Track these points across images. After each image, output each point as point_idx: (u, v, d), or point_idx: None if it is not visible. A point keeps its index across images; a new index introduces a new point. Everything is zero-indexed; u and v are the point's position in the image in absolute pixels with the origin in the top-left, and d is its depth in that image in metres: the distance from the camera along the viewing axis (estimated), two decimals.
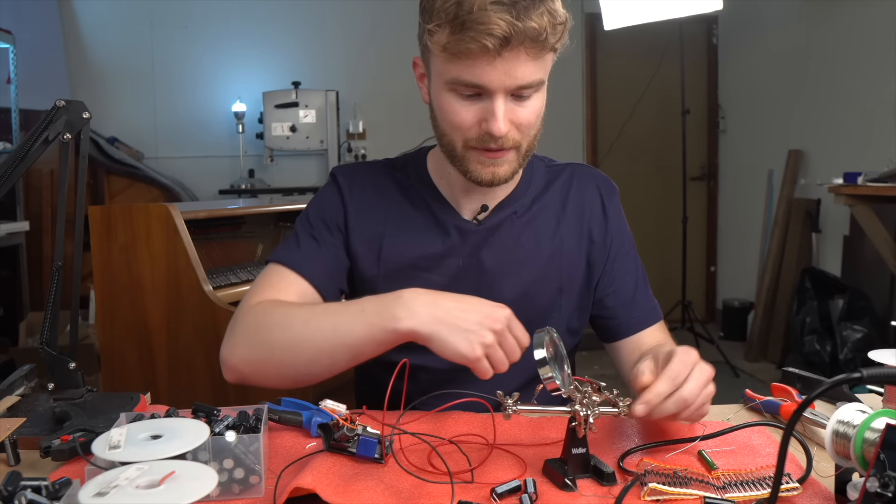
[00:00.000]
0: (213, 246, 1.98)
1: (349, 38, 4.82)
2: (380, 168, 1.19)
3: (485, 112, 0.97)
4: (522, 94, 0.97)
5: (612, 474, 0.76)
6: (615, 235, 1.18)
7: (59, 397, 0.99)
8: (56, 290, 0.98)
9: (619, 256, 1.18)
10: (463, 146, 1.02)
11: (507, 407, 0.79)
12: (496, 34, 0.90)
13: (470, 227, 1.12)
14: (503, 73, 0.94)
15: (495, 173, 1.02)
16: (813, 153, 4.21)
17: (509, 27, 0.90)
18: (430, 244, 1.12)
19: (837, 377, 0.61)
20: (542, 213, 1.15)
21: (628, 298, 1.16)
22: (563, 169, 1.21)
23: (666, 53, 4.80)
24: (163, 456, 0.66)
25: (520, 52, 0.93)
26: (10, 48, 3.73)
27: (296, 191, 4.53)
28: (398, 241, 1.12)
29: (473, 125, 0.99)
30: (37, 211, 3.74)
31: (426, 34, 0.97)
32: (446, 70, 0.97)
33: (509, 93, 0.96)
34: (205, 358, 1.70)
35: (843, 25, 3.86)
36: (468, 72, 0.94)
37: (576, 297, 1.15)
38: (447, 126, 1.02)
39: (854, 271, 3.75)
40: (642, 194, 4.98)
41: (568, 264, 1.14)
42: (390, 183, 1.16)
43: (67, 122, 0.96)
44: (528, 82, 0.96)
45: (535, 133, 1.04)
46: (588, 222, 1.17)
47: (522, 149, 1.03)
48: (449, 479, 0.75)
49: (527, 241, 1.13)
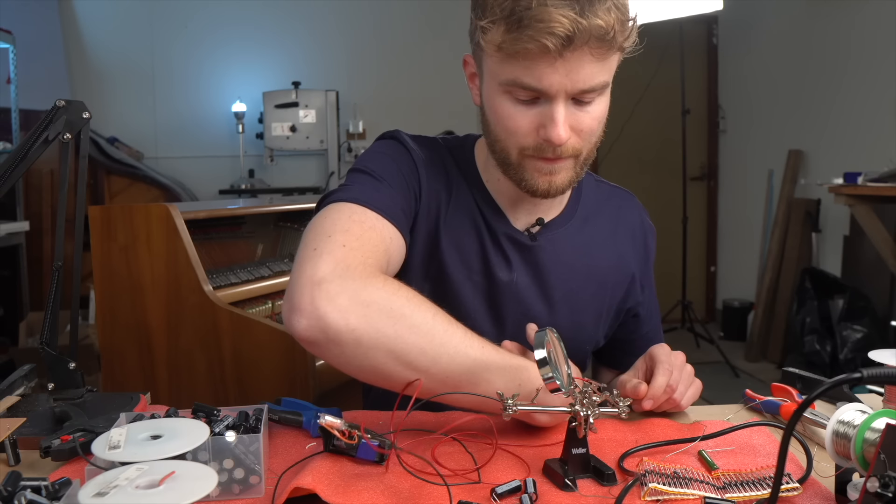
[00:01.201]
0: (213, 246, 1.98)
1: (349, 38, 4.82)
2: (437, 145, 1.07)
3: (543, 117, 0.89)
4: (584, 98, 0.89)
5: (612, 474, 0.76)
6: (647, 276, 1.18)
7: (59, 397, 0.99)
8: (56, 290, 0.98)
9: (649, 297, 1.19)
10: (518, 154, 0.94)
11: (507, 407, 0.79)
12: (558, 33, 0.81)
13: (524, 239, 1.04)
14: (564, 76, 0.85)
15: (552, 182, 0.94)
16: (813, 153, 4.21)
17: (573, 25, 0.81)
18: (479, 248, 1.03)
19: (837, 377, 0.61)
20: (597, 238, 1.10)
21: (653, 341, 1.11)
22: (612, 192, 1.16)
23: (666, 53, 4.80)
24: (163, 456, 0.66)
25: (584, 53, 0.84)
26: (10, 48, 3.73)
27: (296, 191, 4.53)
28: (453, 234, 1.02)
29: (531, 132, 0.91)
30: (37, 211, 3.75)
31: (479, 31, 0.88)
32: (501, 71, 0.89)
33: (570, 97, 0.88)
34: (205, 358, 1.70)
35: (844, 25, 3.86)
36: (526, 74, 0.86)
37: (606, 327, 1.15)
38: (502, 132, 0.93)
39: (854, 271, 3.75)
40: (642, 194, 4.91)
41: (611, 294, 1.12)
42: (448, 164, 1.05)
43: (67, 122, 0.96)
44: (592, 86, 0.88)
45: (597, 140, 0.96)
46: (631, 255, 1.14)
47: (581, 157, 0.95)
48: (452, 480, 0.75)
49: (579, 262, 1.07)
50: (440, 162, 1.05)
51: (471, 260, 1.03)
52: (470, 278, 1.03)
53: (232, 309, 1.68)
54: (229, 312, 1.67)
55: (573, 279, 1.07)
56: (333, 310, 0.78)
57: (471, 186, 1.05)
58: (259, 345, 1.65)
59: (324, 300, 0.78)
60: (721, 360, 4.07)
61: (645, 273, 1.18)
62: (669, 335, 4.41)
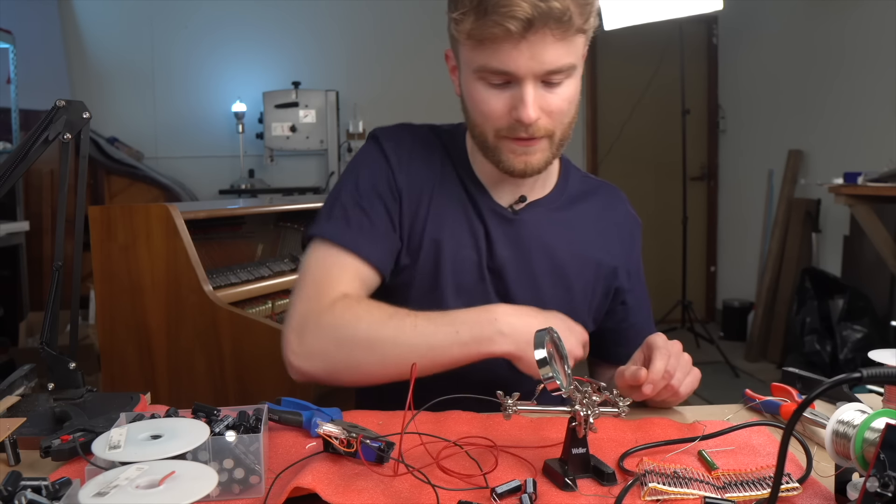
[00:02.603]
0: (213, 246, 1.98)
1: (349, 38, 4.82)
2: (424, 133, 1.15)
3: (514, 99, 0.96)
4: (552, 79, 0.96)
5: (612, 474, 0.76)
6: (634, 268, 1.20)
7: (59, 397, 0.99)
8: (56, 290, 0.98)
9: (636, 289, 1.20)
10: (494, 136, 1.00)
11: (507, 407, 0.79)
12: (518, 16, 0.89)
13: (507, 213, 1.11)
14: (530, 58, 0.92)
15: (528, 162, 1.01)
16: (813, 153, 4.21)
17: (532, 8, 0.89)
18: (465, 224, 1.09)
19: (837, 377, 0.61)
20: (580, 220, 1.15)
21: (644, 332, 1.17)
22: (598, 185, 1.21)
23: (666, 53, 4.80)
24: (163, 456, 0.66)
25: (545, 35, 0.91)
26: (10, 48, 3.73)
27: (296, 191, 4.53)
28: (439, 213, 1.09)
29: (504, 114, 0.98)
30: (37, 211, 3.75)
31: (452, 23, 0.96)
32: (473, 58, 0.96)
33: (539, 78, 0.95)
34: (205, 358, 1.69)
35: (844, 25, 3.86)
36: (494, 58, 0.93)
37: (593, 309, 1.17)
38: (478, 116, 1.00)
39: (854, 271, 3.75)
40: (642, 194, 4.98)
41: (593, 276, 1.15)
42: (436, 149, 1.13)
43: (67, 122, 0.96)
44: (558, 66, 0.94)
45: (569, 121, 1.02)
46: (616, 242, 1.18)
47: (556, 137, 1.01)
48: (453, 481, 0.75)
49: (562, 243, 1.12)
50: (427, 148, 1.12)
51: (458, 234, 1.09)
52: (458, 252, 1.09)
53: (232, 309, 1.68)
54: (229, 312, 1.67)
55: (556, 255, 1.12)
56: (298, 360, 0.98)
57: (458, 168, 1.12)
58: (259, 345, 1.65)
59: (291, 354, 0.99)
60: (721, 360, 4.07)
61: (630, 262, 1.20)
62: (669, 335, 4.43)
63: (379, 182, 1.08)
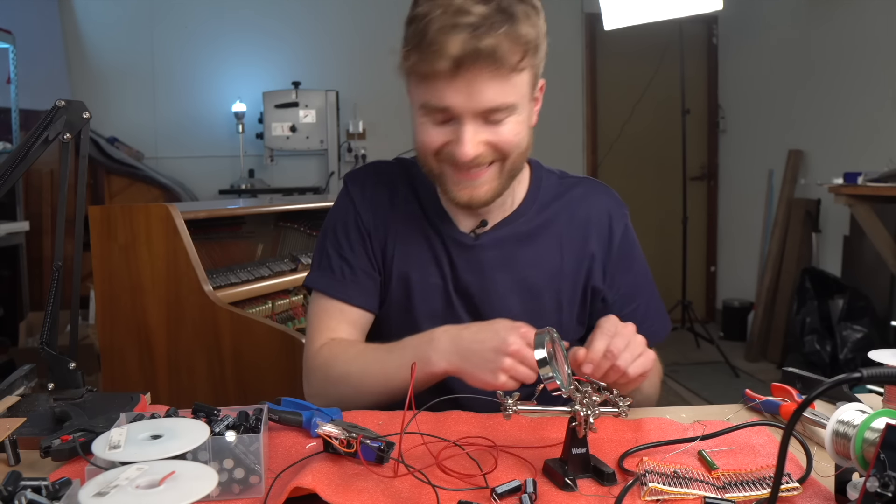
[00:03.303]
0: (213, 246, 1.98)
1: (349, 37, 4.82)
2: (391, 168, 1.19)
3: (454, 135, 0.98)
4: (493, 117, 0.96)
5: (612, 474, 0.76)
6: (614, 260, 1.16)
7: (59, 397, 0.99)
8: (56, 290, 0.98)
9: (620, 282, 1.16)
10: (438, 167, 1.02)
11: (508, 407, 0.79)
12: (448, 53, 0.90)
13: (467, 240, 1.12)
14: (466, 96, 0.94)
15: (472, 195, 1.03)
16: (813, 153, 4.21)
17: (462, 46, 0.90)
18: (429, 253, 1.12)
19: (837, 377, 0.61)
20: (545, 232, 1.14)
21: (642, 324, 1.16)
22: (575, 183, 1.19)
23: (666, 53, 4.80)
24: (163, 456, 0.66)
25: (480, 73, 0.92)
26: (10, 48, 3.73)
27: (296, 191, 4.53)
28: (404, 246, 1.13)
29: (442, 147, 1.00)
30: (37, 211, 3.75)
31: (402, 59, 0.98)
32: (417, 94, 0.99)
33: (478, 116, 0.96)
34: (205, 358, 1.70)
35: (843, 25, 3.86)
36: (433, 94, 0.96)
37: (575, 314, 1.16)
38: (420, 147, 1.03)
39: (854, 271, 3.75)
40: (642, 194, 4.98)
41: (567, 283, 1.14)
42: (399, 184, 1.17)
43: (67, 122, 0.96)
44: (495, 105, 0.95)
45: (521, 153, 1.02)
46: (590, 239, 1.15)
47: (506, 166, 1.02)
48: (453, 481, 0.75)
49: (526, 260, 1.12)
50: (389, 185, 1.16)
51: (423, 264, 1.12)
52: (426, 280, 1.12)
53: (232, 309, 1.68)
54: (229, 312, 1.67)
55: (519, 274, 1.12)
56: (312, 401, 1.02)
57: (422, 199, 1.14)
58: (259, 345, 1.65)
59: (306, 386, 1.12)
60: (721, 360, 4.07)
61: (609, 256, 1.16)
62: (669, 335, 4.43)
63: (349, 227, 1.14)
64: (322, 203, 2.30)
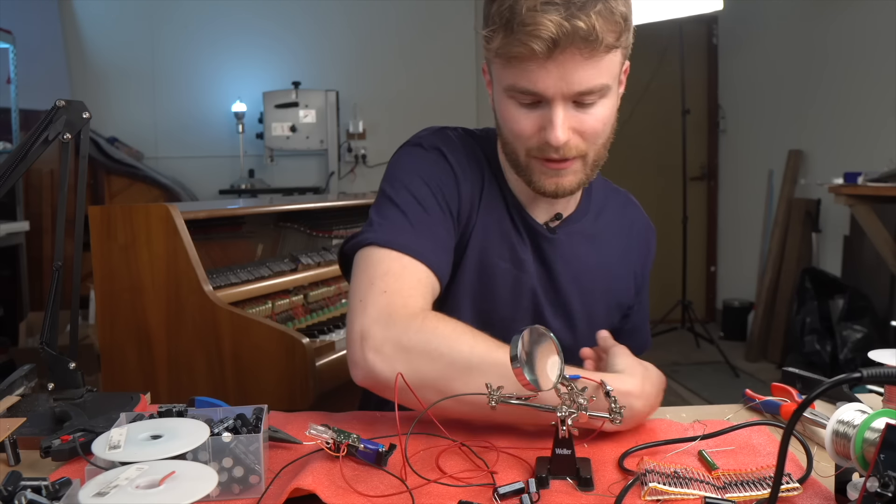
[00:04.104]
0: (213, 246, 1.98)
1: (349, 38, 4.82)
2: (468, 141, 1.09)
3: (544, 120, 0.93)
4: (584, 100, 0.92)
5: (588, 479, 0.75)
6: (646, 275, 1.21)
7: (59, 397, 0.99)
8: (56, 290, 0.98)
9: (642, 294, 1.22)
10: (525, 156, 0.98)
11: (491, 399, 0.77)
12: (543, 36, 0.86)
13: (545, 232, 1.09)
14: (558, 78, 0.89)
15: (559, 184, 0.99)
16: (813, 153, 4.21)
17: (557, 28, 0.85)
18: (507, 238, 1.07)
19: (837, 377, 0.61)
20: (605, 233, 1.15)
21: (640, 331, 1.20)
22: (614, 192, 1.20)
23: (666, 53, 4.80)
24: (163, 456, 0.66)
25: (573, 54, 0.88)
26: (10, 48, 3.73)
27: (296, 191, 4.53)
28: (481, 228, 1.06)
29: (533, 134, 0.95)
30: (37, 211, 3.75)
31: (483, 40, 0.94)
32: (503, 77, 0.94)
33: (569, 99, 0.92)
34: (205, 358, 1.69)
35: (844, 25, 3.86)
36: (522, 77, 0.91)
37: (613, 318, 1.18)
38: (508, 134, 0.98)
39: (854, 271, 3.75)
40: (642, 194, 4.93)
41: (617, 288, 1.16)
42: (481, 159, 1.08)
43: (67, 122, 0.96)
44: (588, 87, 0.91)
45: (604, 142, 1.00)
46: (636, 254, 1.19)
47: (589, 158, 0.99)
48: (452, 481, 0.75)
49: (592, 257, 1.12)
50: (476, 159, 1.07)
51: (498, 246, 1.06)
52: (500, 267, 1.07)
53: (232, 309, 1.68)
54: (229, 312, 1.67)
55: (588, 273, 1.12)
56: (380, 361, 0.85)
57: (499, 181, 1.08)
58: (259, 345, 1.65)
59: (371, 352, 0.86)
60: (721, 360, 4.07)
61: (644, 271, 1.21)
62: (669, 335, 4.41)
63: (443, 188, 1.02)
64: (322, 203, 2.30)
